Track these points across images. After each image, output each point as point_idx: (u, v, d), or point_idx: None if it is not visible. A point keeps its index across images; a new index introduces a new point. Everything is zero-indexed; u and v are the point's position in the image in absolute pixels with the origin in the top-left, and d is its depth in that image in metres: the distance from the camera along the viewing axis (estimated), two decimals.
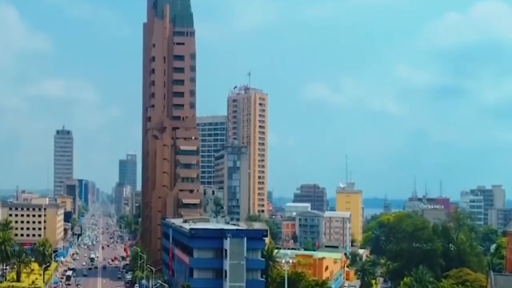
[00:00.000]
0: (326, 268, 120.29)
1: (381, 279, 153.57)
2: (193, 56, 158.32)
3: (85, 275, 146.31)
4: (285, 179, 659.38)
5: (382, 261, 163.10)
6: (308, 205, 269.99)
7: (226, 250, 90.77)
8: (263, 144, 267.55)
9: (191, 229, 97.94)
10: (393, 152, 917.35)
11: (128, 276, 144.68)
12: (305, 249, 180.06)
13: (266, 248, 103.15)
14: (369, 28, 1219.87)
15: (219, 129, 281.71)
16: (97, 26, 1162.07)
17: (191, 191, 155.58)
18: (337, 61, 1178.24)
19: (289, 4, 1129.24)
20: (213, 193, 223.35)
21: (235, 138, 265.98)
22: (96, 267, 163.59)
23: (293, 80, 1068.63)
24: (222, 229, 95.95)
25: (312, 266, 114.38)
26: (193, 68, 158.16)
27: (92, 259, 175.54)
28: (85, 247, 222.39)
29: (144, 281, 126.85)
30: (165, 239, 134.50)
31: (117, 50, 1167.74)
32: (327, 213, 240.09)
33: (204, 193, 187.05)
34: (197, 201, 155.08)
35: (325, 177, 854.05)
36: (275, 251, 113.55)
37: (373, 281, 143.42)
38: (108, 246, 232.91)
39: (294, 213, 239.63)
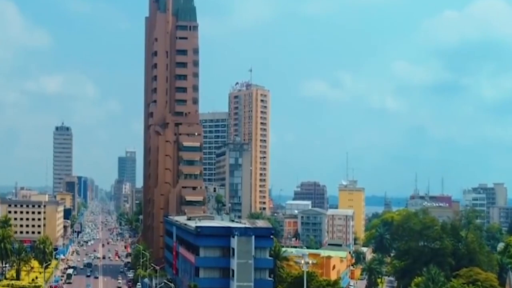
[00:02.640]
0: (334, 267, 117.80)
1: (387, 278, 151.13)
2: (196, 51, 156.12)
3: (88, 286, 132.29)
4: (283, 176, 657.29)
5: (386, 259, 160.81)
6: (308, 202, 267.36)
7: (233, 248, 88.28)
8: (264, 141, 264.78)
9: (197, 227, 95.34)
10: (392, 149, 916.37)
11: (130, 275, 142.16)
12: (308, 247, 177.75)
13: (273, 246, 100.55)
14: (368, 24, 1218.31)
15: (220, 126, 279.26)
16: (96, 20, 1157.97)
17: (194, 188, 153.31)
18: (336, 57, 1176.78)
19: (290, 0, 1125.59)
20: (214, 190, 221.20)
21: (236, 135, 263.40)
22: (96, 277, 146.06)
23: (292, 77, 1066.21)
24: (229, 227, 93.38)
25: (320, 265, 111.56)
26: (196, 63, 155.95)
27: (89, 264, 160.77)
28: (84, 248, 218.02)
29: (146, 280, 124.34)
30: (168, 237, 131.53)
31: (116, 45, 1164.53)
32: (330, 211, 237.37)
33: (206, 190, 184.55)
34: (200, 198, 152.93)
35: (324, 174, 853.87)
36: (282, 249, 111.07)
37: (379, 280, 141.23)
38: (108, 243, 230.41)
39: (296, 211, 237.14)
